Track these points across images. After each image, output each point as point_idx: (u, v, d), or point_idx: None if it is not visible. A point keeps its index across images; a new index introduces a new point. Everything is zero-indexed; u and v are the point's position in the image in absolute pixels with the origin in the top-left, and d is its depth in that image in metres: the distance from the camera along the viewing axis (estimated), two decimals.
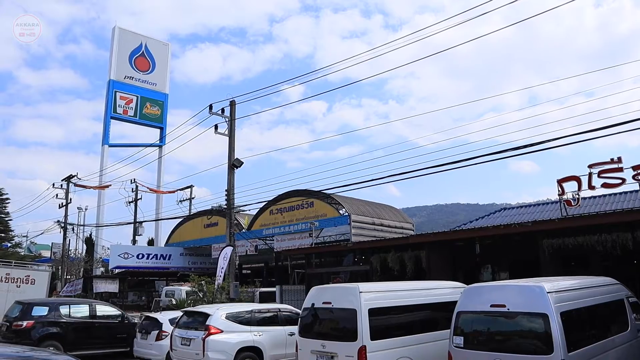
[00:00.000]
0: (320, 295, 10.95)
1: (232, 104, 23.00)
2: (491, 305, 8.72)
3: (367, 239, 24.84)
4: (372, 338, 9.86)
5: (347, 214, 28.57)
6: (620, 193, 22.85)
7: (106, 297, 33.61)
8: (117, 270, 39.25)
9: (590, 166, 15.10)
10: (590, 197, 23.04)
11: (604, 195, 23.93)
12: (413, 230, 32.51)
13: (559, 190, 15.48)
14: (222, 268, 22.00)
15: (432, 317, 11.43)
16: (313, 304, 10.89)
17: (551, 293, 8.34)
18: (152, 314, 16.72)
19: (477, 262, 18.48)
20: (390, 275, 18.90)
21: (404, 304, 10.99)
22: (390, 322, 10.68)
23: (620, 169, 14.71)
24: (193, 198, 43.76)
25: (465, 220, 33.48)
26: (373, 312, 10.12)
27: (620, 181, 14.68)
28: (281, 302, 20.67)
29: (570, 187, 15.40)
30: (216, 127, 22.68)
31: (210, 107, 22.40)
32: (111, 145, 49.48)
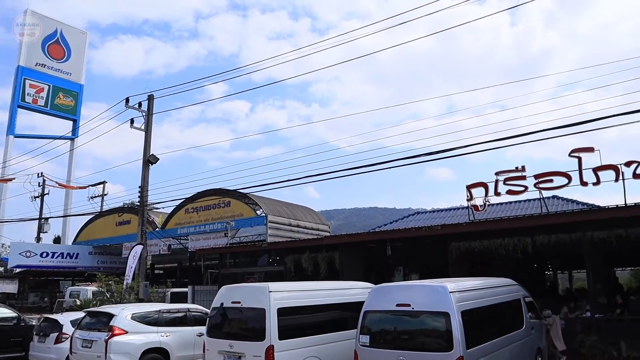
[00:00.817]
0: (230, 295, 10.79)
1: (150, 98, 22.32)
2: (397, 305, 8.92)
3: (283, 239, 24.82)
4: (281, 337, 9.81)
5: (264, 214, 28.41)
6: (524, 200, 24.18)
7: (2, 299, 31.59)
8: (17, 270, 36.87)
9: (497, 173, 15.83)
10: (497, 204, 24.21)
11: (510, 202, 25.23)
12: (329, 232, 32.83)
13: (467, 196, 16.13)
14: (132, 267, 21.26)
15: (342, 316, 11.54)
16: (222, 304, 10.71)
17: (453, 293, 8.64)
18: (52, 315, 15.82)
19: (390, 264, 18.90)
20: (304, 275, 18.96)
21: (313, 303, 11.03)
22: (300, 322, 10.68)
23: (524, 177, 15.52)
24: (106, 194, 41.84)
25: (382, 224, 34.19)
26: (282, 312, 10.08)
27: (523, 189, 15.47)
28: (193, 303, 20.26)
29: (478, 193, 16.09)
30: (132, 121, 21.92)
31: (127, 100, 21.61)
32: (17, 136, 46.50)
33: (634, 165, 14.45)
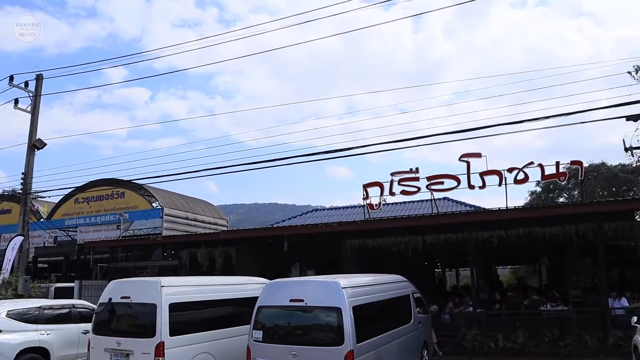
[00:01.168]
0: (119, 290, 10.36)
1: (39, 78, 20.88)
2: (290, 300, 9.00)
3: (179, 233, 24.24)
4: (172, 334, 9.57)
5: (160, 207, 27.58)
6: (417, 201, 25.26)
7: None
8: None
9: (392, 174, 16.45)
10: (392, 203, 25.11)
11: (404, 202, 26.26)
12: (227, 227, 32.48)
13: (364, 195, 16.62)
14: (10, 260, 19.78)
15: (237, 312, 11.44)
16: (110, 299, 10.26)
17: (346, 288, 8.85)
18: None
19: (287, 260, 19.03)
20: (200, 270, 18.63)
21: (208, 298, 10.86)
22: (193, 318, 10.45)
23: (417, 179, 16.26)
24: None
25: (281, 220, 34.35)
26: (174, 307, 9.83)
27: (416, 189, 16.20)
28: (80, 299, 19.24)
29: (374, 192, 16.63)
30: (16, 101, 20.43)
31: (11, 78, 20.05)
32: None
33: (515, 171, 15.58)
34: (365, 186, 16.65)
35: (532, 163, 15.51)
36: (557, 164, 15.31)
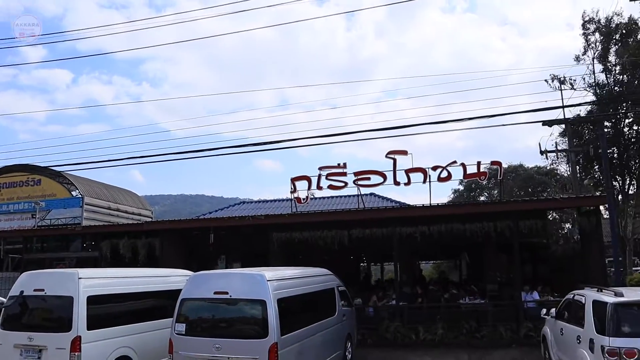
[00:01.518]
0: (32, 282, 9.84)
1: None
2: (215, 293, 8.89)
3: (101, 224, 23.34)
4: (90, 328, 9.22)
5: (80, 195, 26.48)
6: (344, 196, 25.54)
7: None
8: None
9: (320, 169, 16.55)
10: (319, 198, 25.30)
11: (331, 197, 26.51)
12: (152, 218, 31.69)
13: (291, 188, 16.61)
14: None
15: (159, 305, 11.18)
16: (22, 292, 9.74)
17: (271, 281, 8.84)
18: None
19: (212, 252, 18.76)
20: (122, 262, 18.02)
21: (128, 291, 10.53)
22: (112, 311, 10.12)
23: (345, 174, 16.43)
24: None
25: (208, 212, 33.82)
26: (93, 300, 9.47)
27: (343, 184, 16.37)
28: None
29: (302, 186, 16.67)
30: None
31: None
32: None
33: (439, 170, 16.05)
34: (293, 180, 16.66)
35: (455, 162, 16.03)
36: (479, 163, 15.90)
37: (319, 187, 16.34)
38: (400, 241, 15.56)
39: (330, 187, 16.38)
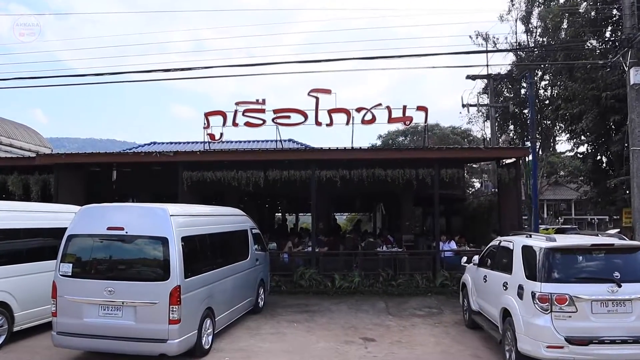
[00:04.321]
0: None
1: None
2: (108, 228, 7.64)
3: None
4: None
5: None
6: (262, 141, 24.38)
7: None
8: None
9: (237, 103, 15.23)
10: (235, 141, 24.01)
11: (248, 142, 25.24)
12: None
13: (204, 123, 15.25)
14: None
15: (45, 245, 9.79)
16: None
17: (175, 217, 7.72)
18: None
19: (116, 192, 17.18)
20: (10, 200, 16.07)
21: (3, 227, 9.03)
22: None
23: (263, 111, 15.23)
24: None
25: None
26: None
27: (261, 122, 15.19)
28: None
29: (216, 121, 15.34)
30: None
31: None
32: None
33: (364, 111, 15.27)
34: (207, 114, 15.26)
35: (379, 105, 15.29)
36: (404, 107, 15.24)
37: (235, 124, 15.08)
38: (320, 185, 14.76)
39: (247, 124, 15.16)
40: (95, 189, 16.86)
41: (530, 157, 18.81)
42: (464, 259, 11.73)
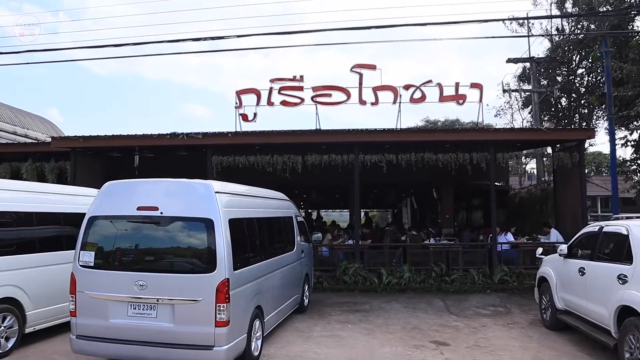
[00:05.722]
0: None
1: None
2: (138, 208, 6.18)
3: None
4: None
5: None
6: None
7: None
8: None
9: (272, 80, 13.72)
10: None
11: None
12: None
13: (236, 102, 13.77)
14: None
15: (62, 232, 8.49)
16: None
17: (220, 194, 6.24)
18: None
19: (138, 177, 15.80)
20: None
21: (9, 209, 7.65)
22: None
23: (301, 88, 13.72)
24: None
25: None
26: None
27: (299, 100, 13.68)
28: None
29: (249, 100, 13.85)
30: None
31: None
32: None
33: (412, 89, 13.76)
34: (239, 93, 13.75)
35: (430, 82, 13.77)
36: (457, 84, 13.70)
37: (270, 103, 13.58)
38: (363, 170, 13.27)
39: (284, 103, 13.66)
40: (115, 177, 15.48)
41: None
42: (540, 250, 10.25)
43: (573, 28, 26.27)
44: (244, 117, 13.74)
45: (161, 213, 6.10)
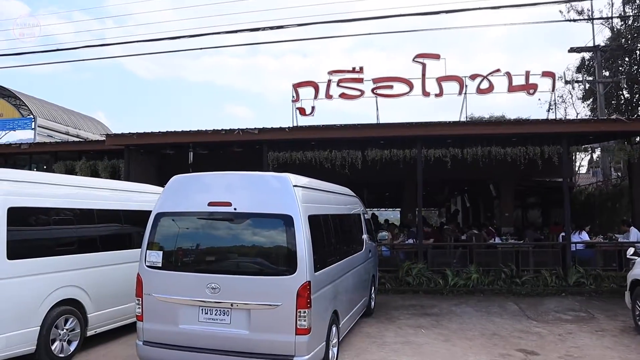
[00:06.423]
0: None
1: None
2: (210, 204, 5.67)
3: None
4: (11, 257, 6.02)
5: (31, 116, 22.64)
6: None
7: None
8: None
9: (330, 72, 13.16)
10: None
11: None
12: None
13: (293, 96, 13.28)
14: None
15: (123, 230, 8.15)
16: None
17: (298, 188, 5.67)
18: None
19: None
20: None
21: (72, 206, 7.25)
22: (47, 234, 6.82)
23: (361, 80, 13.13)
24: None
25: None
26: (17, 216, 6.22)
27: (359, 93, 13.09)
28: None
29: (307, 94, 13.35)
30: None
31: None
32: None
33: (479, 79, 12.98)
34: (296, 86, 13.26)
35: (498, 70, 12.97)
36: (527, 73, 12.88)
37: (328, 96, 13.04)
38: (427, 165, 12.58)
39: (343, 95, 13.10)
40: (168, 175, 15.22)
41: None
42: (631, 250, 9.36)
43: (637, 14, 24.88)
44: (302, 111, 13.24)
45: (235, 209, 5.57)
